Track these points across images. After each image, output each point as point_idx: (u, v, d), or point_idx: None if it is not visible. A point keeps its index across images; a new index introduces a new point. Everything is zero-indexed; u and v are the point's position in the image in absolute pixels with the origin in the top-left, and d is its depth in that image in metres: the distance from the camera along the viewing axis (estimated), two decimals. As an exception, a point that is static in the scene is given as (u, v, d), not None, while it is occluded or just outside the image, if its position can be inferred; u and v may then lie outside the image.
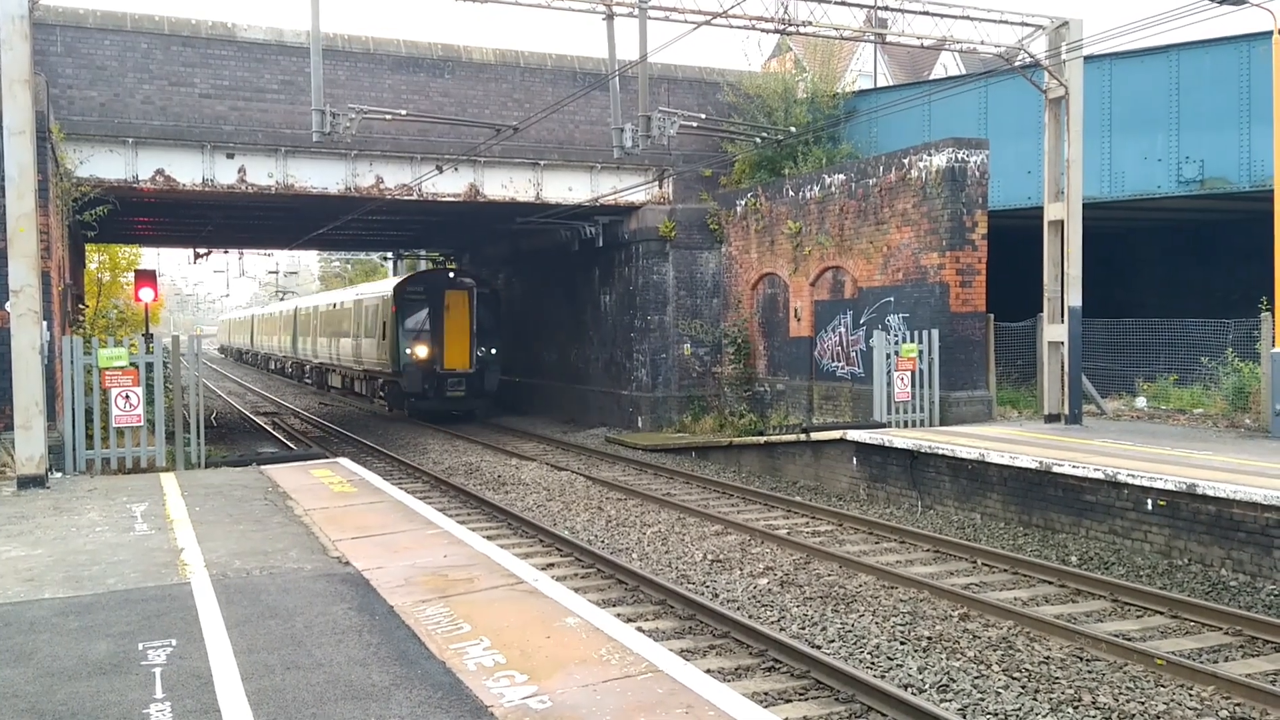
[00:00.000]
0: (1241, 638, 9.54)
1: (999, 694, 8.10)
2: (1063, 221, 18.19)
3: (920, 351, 18.21)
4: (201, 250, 42.11)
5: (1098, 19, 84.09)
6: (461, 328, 29.50)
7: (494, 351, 30.05)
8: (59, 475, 14.31)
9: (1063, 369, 18.22)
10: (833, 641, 9.45)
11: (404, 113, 20.25)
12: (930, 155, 18.72)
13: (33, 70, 13.51)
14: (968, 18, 18.19)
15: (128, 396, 14.83)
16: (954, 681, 8.37)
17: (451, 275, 30.64)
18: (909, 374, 18.15)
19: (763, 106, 25.29)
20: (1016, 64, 18.94)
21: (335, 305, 40.03)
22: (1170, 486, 12.00)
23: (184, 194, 21.88)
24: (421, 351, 29.23)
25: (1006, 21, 18.26)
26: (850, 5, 17.97)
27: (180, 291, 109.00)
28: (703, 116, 23.17)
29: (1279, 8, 16.51)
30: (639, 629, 8.90)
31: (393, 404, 32.08)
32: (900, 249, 19.31)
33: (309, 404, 38.60)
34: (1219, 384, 18.62)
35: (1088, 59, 19.03)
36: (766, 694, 8.18)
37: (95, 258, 34.25)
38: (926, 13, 18.13)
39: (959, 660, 8.90)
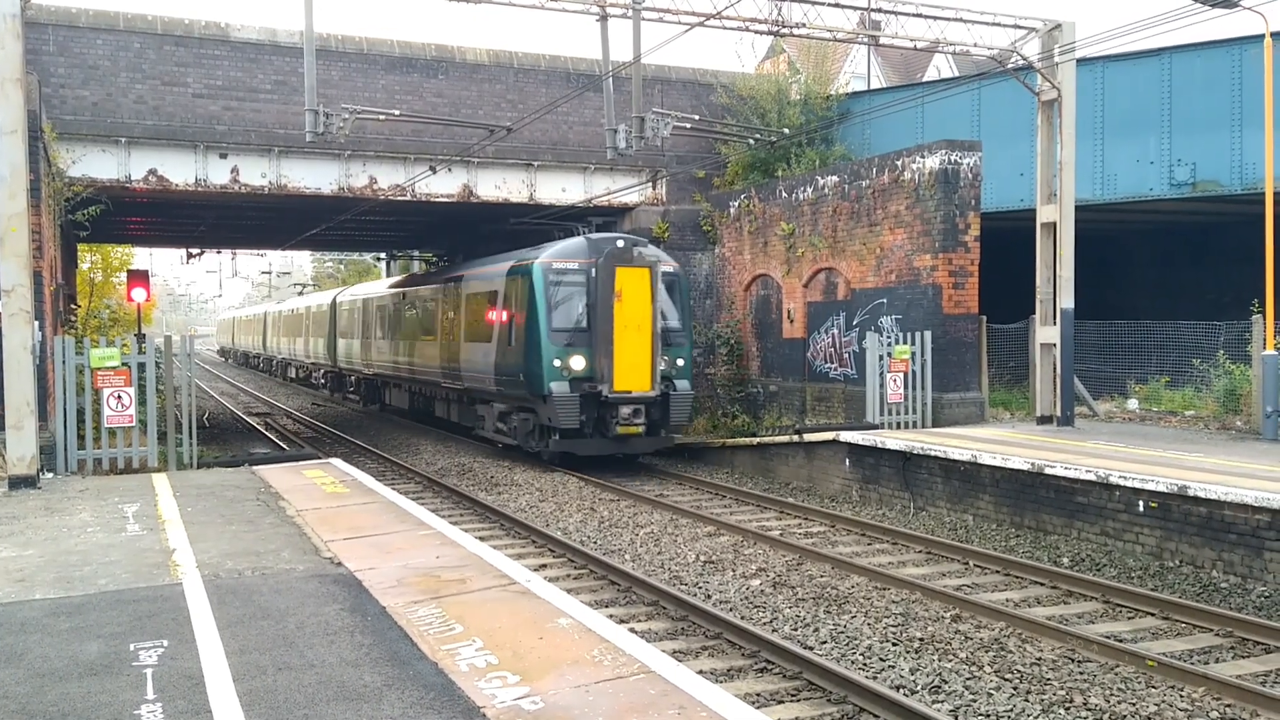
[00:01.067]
0: (1232, 639, 9.57)
1: (991, 695, 8.12)
2: (1055, 224, 18.24)
3: (913, 353, 18.24)
4: (194, 250, 42.08)
5: (1090, 22, 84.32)
6: (639, 326, 19.05)
7: (681, 363, 19.83)
8: (50, 475, 14.28)
9: (1055, 371, 18.26)
10: (825, 643, 9.46)
11: (397, 113, 20.23)
12: (923, 157, 18.76)
13: (25, 69, 13.48)
14: (961, 20, 18.24)
15: (120, 397, 14.80)
16: (946, 683, 8.38)
17: (622, 244, 19.45)
18: (902, 375, 18.18)
19: (756, 108, 25.32)
20: (1009, 66, 18.99)
21: (405, 294, 29.13)
22: (1162, 488, 12.04)
23: (177, 194, 21.84)
24: (577, 363, 18.95)
25: (999, 24, 18.30)
26: (844, 7, 18.00)
27: (173, 292, 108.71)
28: (696, 118, 23.19)
29: (1271, 11, 16.58)
30: (631, 630, 8.89)
31: (522, 440, 20.62)
32: (893, 250, 19.35)
33: (302, 404, 38.53)
34: (1210, 386, 18.69)
35: (1080, 61, 19.09)
36: (759, 695, 8.19)
37: (88, 258, 34.19)
38: (920, 15, 18.17)
39: (951, 661, 8.91)
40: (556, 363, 18.94)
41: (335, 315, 38.49)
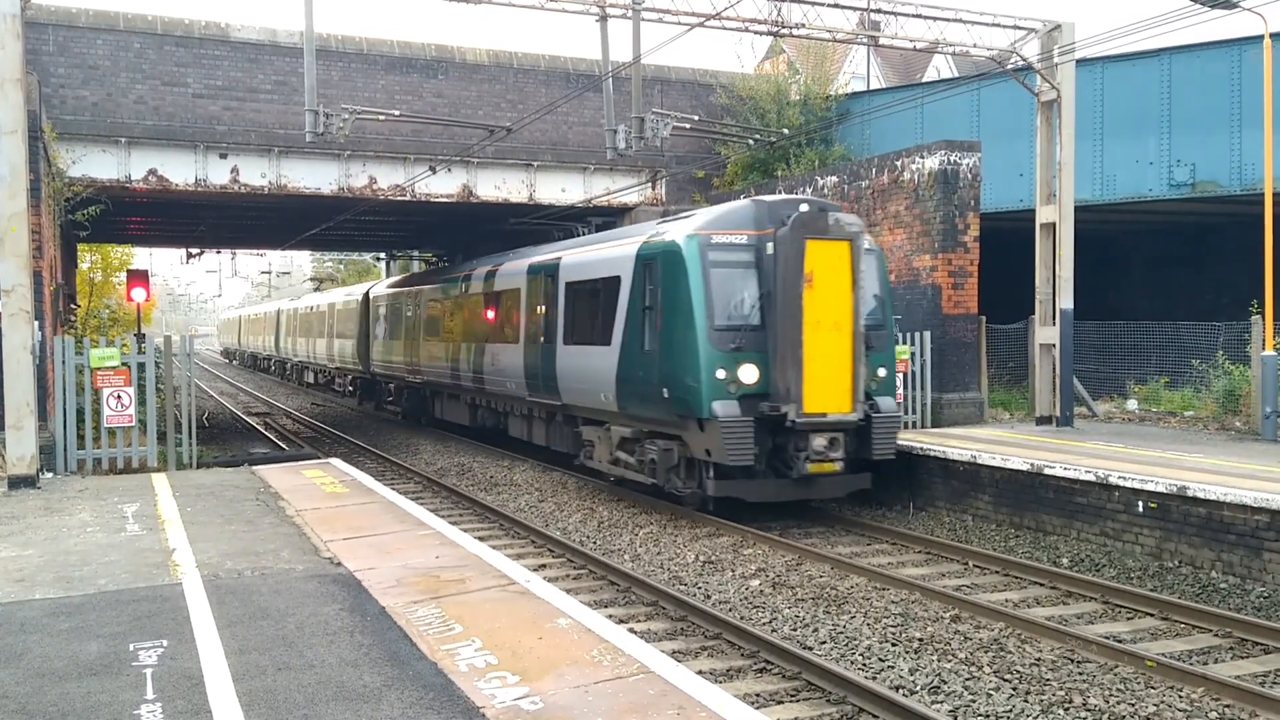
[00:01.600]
0: (1231, 639, 9.57)
1: (990, 695, 8.12)
2: (1055, 224, 18.25)
3: (912, 353, 18.24)
4: (194, 250, 42.12)
5: (1090, 22, 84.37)
6: (837, 323, 14.05)
7: (884, 373, 14.83)
8: (50, 475, 14.29)
9: (1054, 371, 18.26)
10: (824, 643, 9.46)
11: (397, 113, 20.25)
12: (923, 157, 18.77)
13: (25, 69, 13.49)
14: (960, 20, 18.25)
15: (119, 396, 14.82)
16: (945, 683, 8.38)
17: (808, 209, 14.16)
18: (901, 376, 18.18)
19: (755, 108, 25.34)
20: (1009, 67, 19.00)
21: (467, 287, 23.41)
22: (1161, 489, 12.04)
23: (177, 194, 21.87)
24: (747, 374, 13.86)
25: (999, 25, 18.32)
26: (843, 8, 18.02)
27: (172, 292, 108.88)
28: (696, 118, 23.22)
29: (1270, 12, 16.60)
30: (631, 630, 8.90)
31: (661, 479, 15.08)
32: (892, 251, 19.35)
33: (301, 404, 38.54)
34: (1209, 387, 18.70)
35: (1080, 62, 19.10)
36: (758, 695, 8.19)
37: (88, 258, 34.22)
38: (919, 15, 18.19)
39: (950, 662, 8.92)
40: (720, 373, 13.71)
41: (369, 312, 33.17)
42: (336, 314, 38.74)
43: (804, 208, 14.09)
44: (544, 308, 18.81)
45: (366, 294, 34.13)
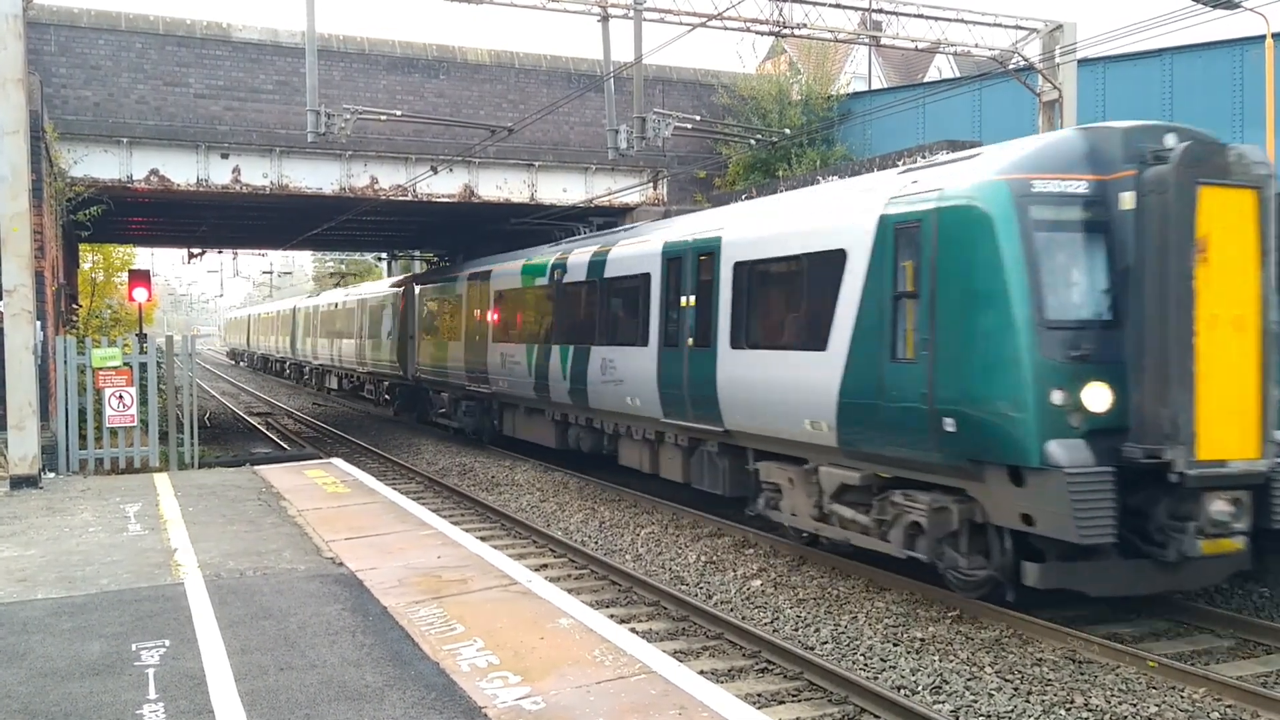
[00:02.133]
0: (1233, 640, 9.57)
1: (992, 696, 8.12)
2: (1056, 224, 18.22)
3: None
4: (196, 250, 42.17)
5: (1091, 23, 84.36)
6: (1239, 320, 8.91)
7: (1277, 394, 9.11)
8: (52, 475, 14.30)
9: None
10: (826, 643, 9.46)
11: (399, 113, 20.27)
12: (924, 158, 18.75)
13: (27, 69, 13.51)
14: (962, 21, 18.28)
15: (121, 396, 14.83)
16: (947, 683, 8.38)
17: (1178, 138, 9.03)
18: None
19: (757, 108, 25.35)
20: (1010, 67, 19.01)
21: (560, 277, 18.96)
22: (1162, 489, 12.00)
23: (178, 194, 21.89)
24: (1098, 398, 8.84)
25: (1000, 25, 18.35)
26: (845, 8, 18.04)
27: (174, 292, 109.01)
28: (697, 118, 23.22)
29: (1272, 12, 16.60)
30: (632, 630, 8.89)
31: (929, 552, 10.12)
32: (894, 251, 19.29)
33: (303, 404, 38.55)
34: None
35: (1081, 62, 19.10)
36: (760, 695, 8.19)
37: (89, 258, 34.25)
38: (921, 15, 18.23)
39: (952, 662, 8.91)
40: (1057, 396, 8.90)
41: (414, 308, 28.38)
42: (369, 310, 33.51)
43: (1170, 138, 9.09)
44: (692, 299, 14.23)
45: (410, 286, 29.18)
